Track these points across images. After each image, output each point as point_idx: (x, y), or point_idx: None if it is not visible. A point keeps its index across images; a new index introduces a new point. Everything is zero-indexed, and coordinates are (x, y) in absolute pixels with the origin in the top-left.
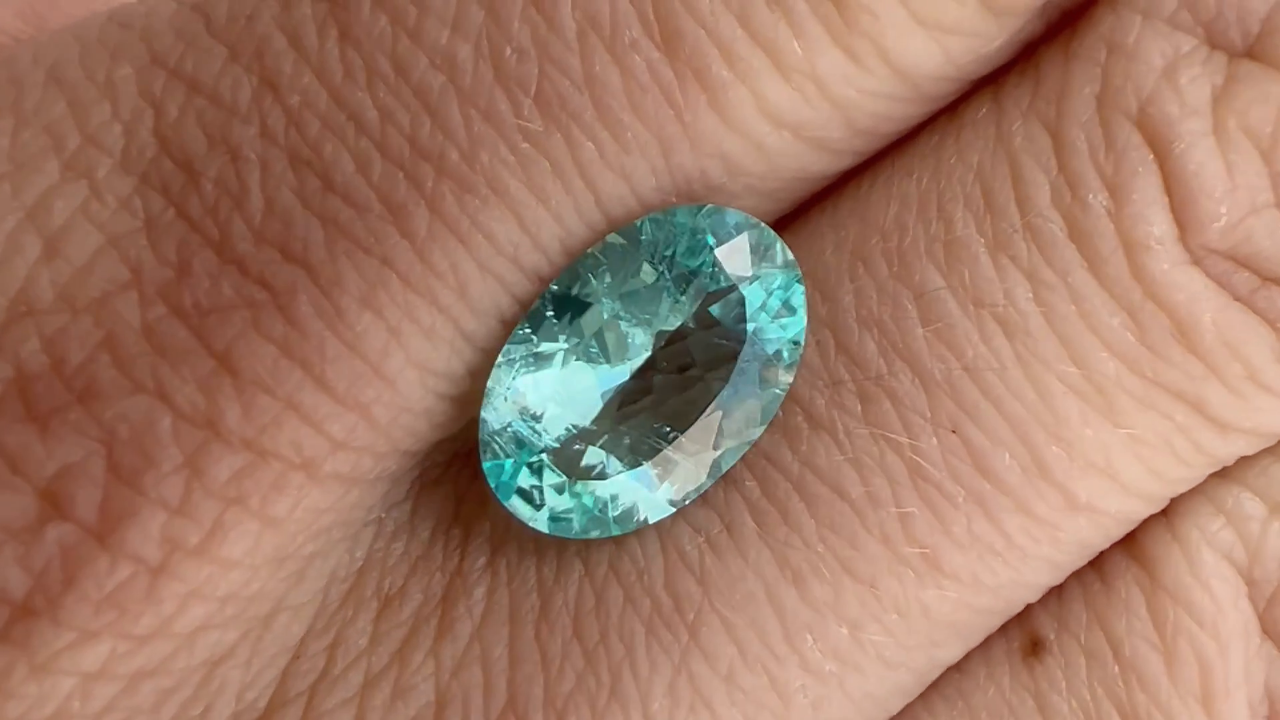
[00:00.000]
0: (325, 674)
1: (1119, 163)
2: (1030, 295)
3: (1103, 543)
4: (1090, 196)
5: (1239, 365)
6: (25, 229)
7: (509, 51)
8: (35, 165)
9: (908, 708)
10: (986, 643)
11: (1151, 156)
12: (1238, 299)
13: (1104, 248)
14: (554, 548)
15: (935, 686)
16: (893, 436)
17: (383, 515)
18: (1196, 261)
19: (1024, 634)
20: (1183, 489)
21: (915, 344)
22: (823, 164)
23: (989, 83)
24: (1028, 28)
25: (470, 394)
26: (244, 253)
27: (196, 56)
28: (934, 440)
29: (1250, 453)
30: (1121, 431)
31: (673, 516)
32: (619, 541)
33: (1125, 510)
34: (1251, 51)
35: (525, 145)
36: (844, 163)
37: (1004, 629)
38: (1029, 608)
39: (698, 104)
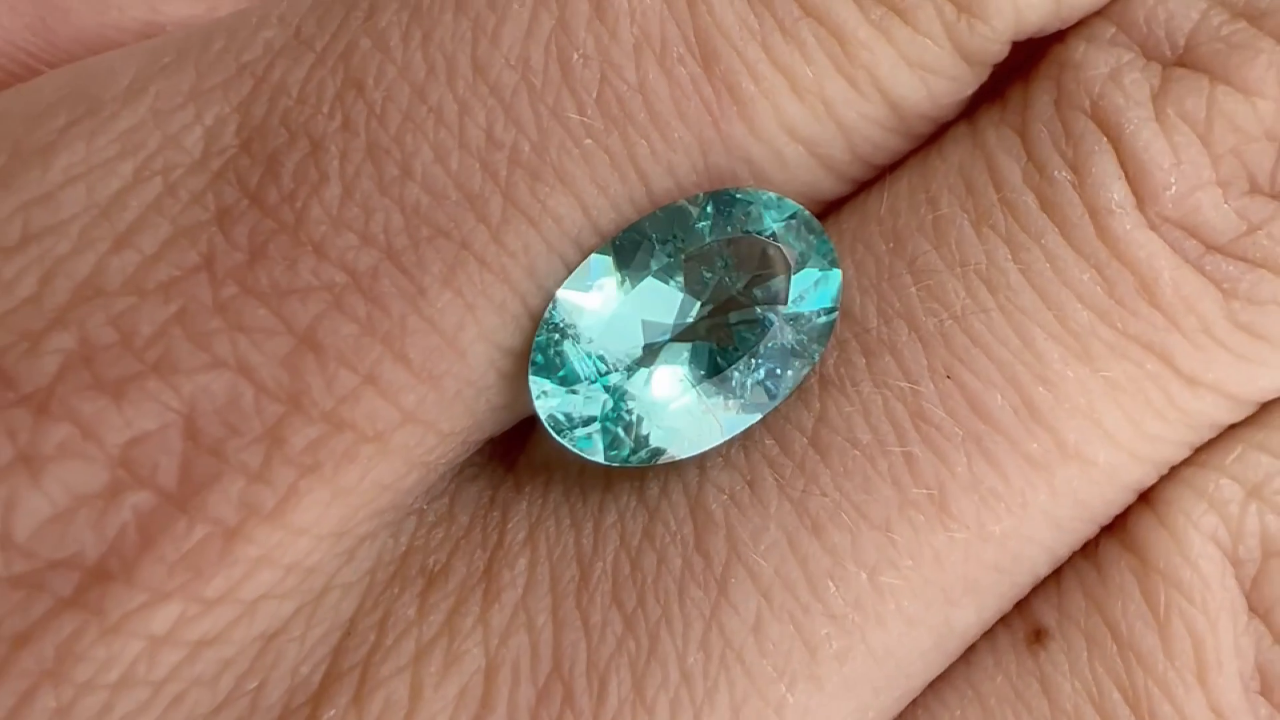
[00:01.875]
0: (377, 646)
1: (1078, 146)
2: (1009, 256)
3: (1097, 504)
4: (1056, 173)
5: (1194, 319)
6: (98, 224)
7: (576, 57)
8: (111, 166)
9: (920, 699)
10: (992, 635)
11: (1105, 139)
12: (1188, 262)
13: (1072, 214)
14: (591, 522)
15: (945, 678)
16: (895, 384)
17: (424, 507)
18: (1153, 226)
19: (1027, 625)
20: (1165, 451)
21: (909, 301)
22: (827, 184)
23: (964, 117)
24: (992, 81)
25: (524, 374)
26: (321, 237)
27: (284, 64)
28: (932, 386)
29: (1221, 417)
30: (1100, 375)
31: (699, 479)
32: (652, 511)
33: (1112, 463)
34: (1180, 60)
35: (589, 141)
36: (843, 188)
37: (1008, 622)
38: (1030, 601)
39: (730, 113)
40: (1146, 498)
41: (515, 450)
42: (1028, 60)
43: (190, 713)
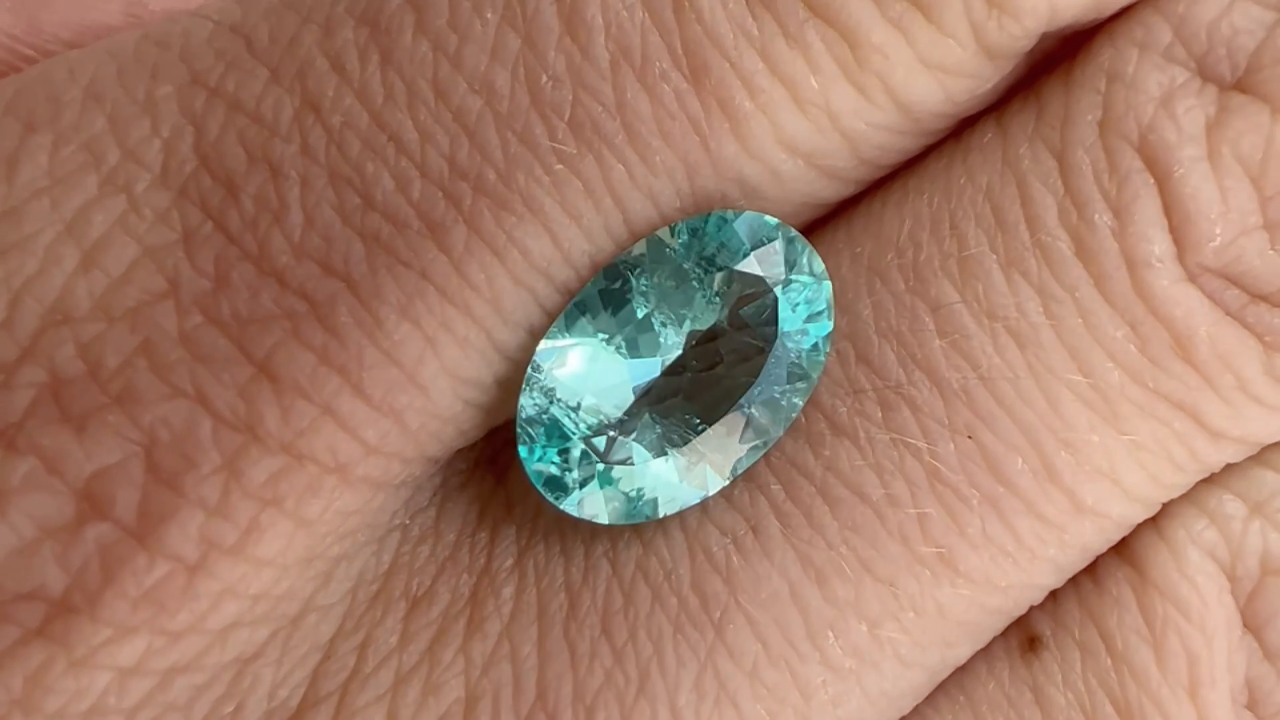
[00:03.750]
0: (356, 672)
1: (1122, 185)
2: (1041, 309)
3: (1101, 546)
4: (1096, 216)
5: (1231, 376)
6: (63, 241)
7: (544, 79)
8: (74, 180)
9: (915, 707)
10: (987, 643)
11: (1152, 180)
12: (1229, 314)
13: (1109, 265)
14: (581, 549)
15: (939, 685)
16: (912, 442)
17: (407, 521)
18: (1193, 279)
19: (1021, 633)
20: (1174, 494)
21: (933, 354)
22: (830, 191)
23: (991, 110)
24: (1017, 70)
25: (496, 403)
26: (283, 266)
27: (238, 77)
28: (951, 445)
29: (1237, 460)
30: (1125, 438)
31: (699, 519)
32: (646, 543)
33: (1125, 515)
34: (1240, 85)
35: (559, 166)
36: (847, 190)
37: (1003, 630)
38: (1026, 610)
39: (721, 132)
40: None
41: (504, 453)
42: (1066, 45)
43: None
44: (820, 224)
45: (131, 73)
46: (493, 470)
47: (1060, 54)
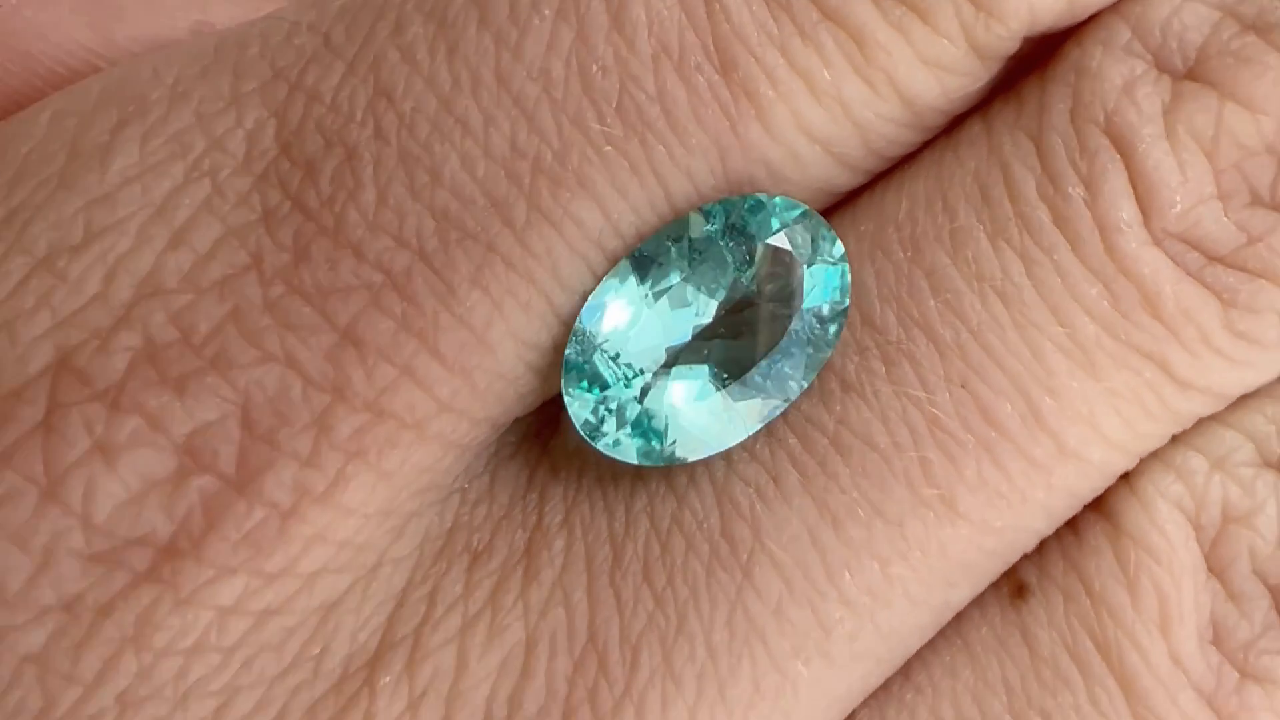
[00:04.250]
0: (427, 619)
1: (1092, 161)
2: (1024, 271)
3: (1085, 493)
4: (1070, 189)
5: (1194, 329)
6: (154, 222)
7: (595, 69)
8: (163, 169)
9: (915, 659)
10: (981, 590)
11: (1118, 156)
12: (1190, 274)
13: (1083, 230)
14: (623, 505)
15: (939, 631)
16: (913, 393)
17: (465, 486)
18: (1157, 242)
19: (1011, 583)
20: (1150, 444)
21: (928, 313)
22: (843, 179)
23: (977, 110)
24: (1002, 74)
25: (551, 368)
26: (359, 239)
27: (317, 70)
28: (947, 395)
29: (1204, 412)
30: (1102, 385)
31: (725, 472)
32: (680, 497)
33: (1105, 460)
34: (1191, 73)
35: (608, 148)
36: (856, 180)
37: (994, 580)
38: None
39: (748, 117)
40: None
41: (547, 428)
42: (1042, 51)
43: (259, 676)
44: (830, 212)
45: (215, 71)
46: (538, 442)
47: (1037, 58)
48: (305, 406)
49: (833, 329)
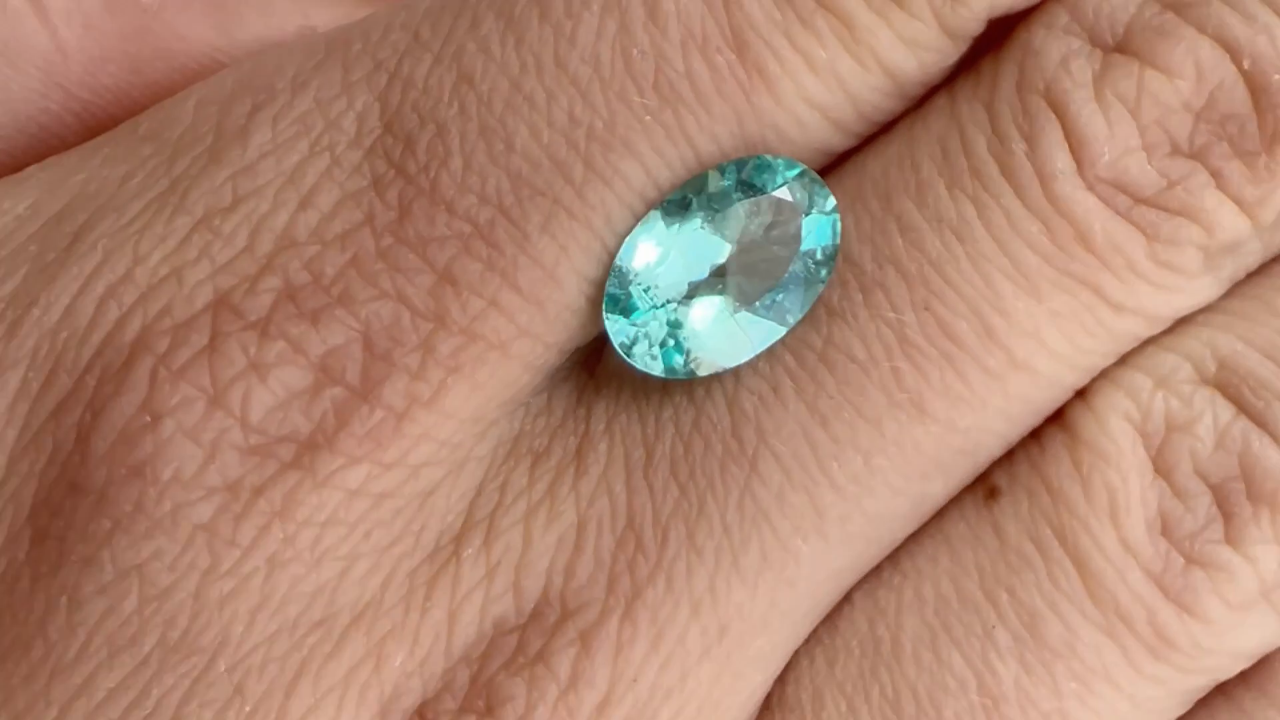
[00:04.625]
0: (499, 505)
1: (1032, 122)
2: (975, 213)
3: (1041, 402)
4: (1014, 145)
5: (1122, 259)
6: (286, 189)
7: (635, 52)
8: (291, 145)
9: (903, 544)
10: (956, 496)
11: (1054, 117)
12: (1118, 214)
13: (1025, 179)
14: (653, 415)
15: (921, 528)
16: (885, 315)
17: (529, 401)
18: (1090, 187)
19: (984, 486)
20: (1095, 360)
21: (897, 250)
22: (837, 140)
23: (945, 84)
24: (967, 53)
25: (597, 299)
26: (451, 198)
27: (411, 62)
28: (914, 316)
29: (1141, 332)
30: (1044, 306)
31: (734, 385)
32: (699, 407)
33: (1052, 371)
34: (1118, 47)
35: (648, 118)
36: (849, 141)
37: (970, 485)
38: (988, 469)
39: (759, 90)
40: (1079, 392)
41: (593, 358)
42: (1001, 33)
43: (374, 545)
44: (824, 170)
45: (327, 64)
46: (586, 368)
47: (996, 37)
48: (413, 331)
49: (825, 269)
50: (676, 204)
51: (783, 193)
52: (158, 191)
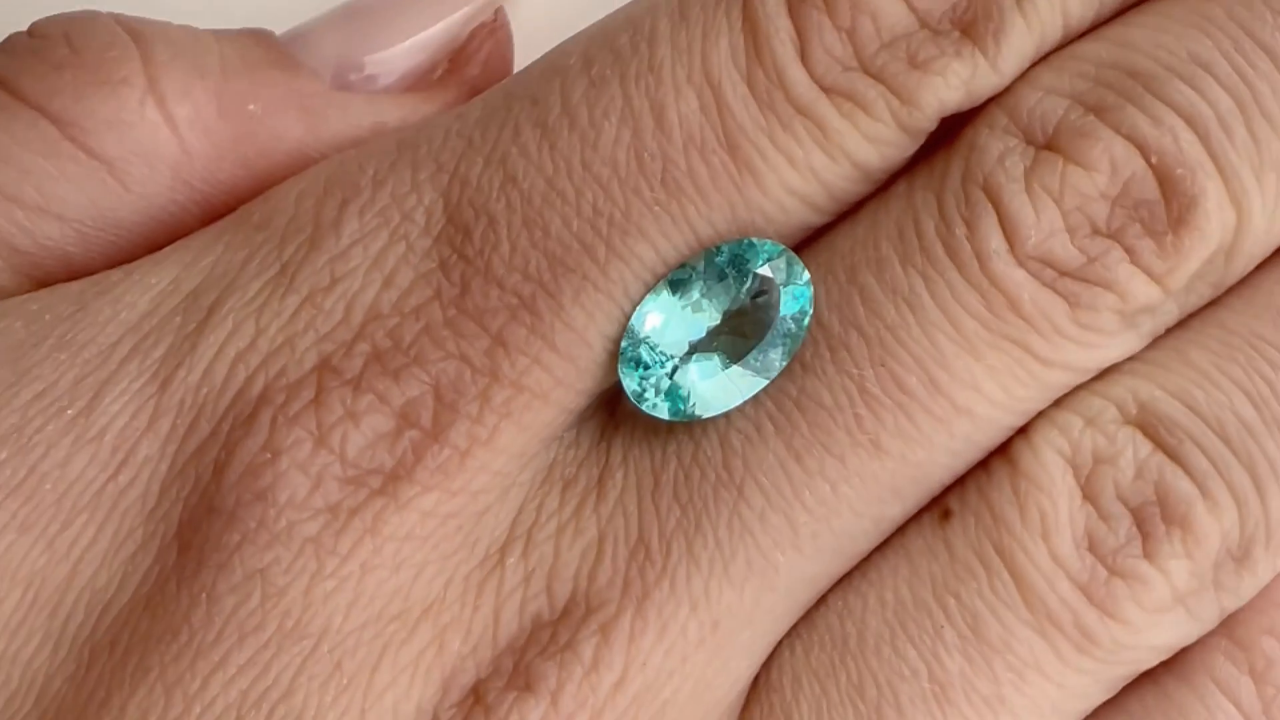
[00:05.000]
0: (536, 521)
1: (972, 209)
2: (924, 285)
3: (983, 440)
4: (957, 229)
5: (1048, 323)
6: (371, 271)
7: (646, 155)
8: (375, 234)
9: (868, 557)
10: (916, 516)
11: (991, 205)
12: (1045, 285)
13: (965, 257)
14: (660, 450)
15: (885, 543)
16: (849, 370)
17: (562, 436)
18: (1020, 264)
19: (940, 508)
20: (1030, 405)
21: (859, 316)
22: (813, 220)
23: (904, 171)
24: (924, 144)
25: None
26: (501, 276)
27: (466, 164)
28: (872, 371)
29: (1067, 381)
30: (981, 363)
31: (725, 427)
32: (696, 443)
33: (989, 415)
34: (1048, 145)
35: (657, 208)
36: (826, 219)
37: (928, 507)
38: (942, 495)
39: (749, 183)
40: (1021, 429)
41: (613, 400)
42: (957, 124)
43: (440, 554)
44: (801, 247)
45: (400, 164)
46: (606, 409)
47: (950, 129)
48: (473, 385)
49: (800, 331)
50: (679, 278)
51: (765, 269)
52: (272, 274)
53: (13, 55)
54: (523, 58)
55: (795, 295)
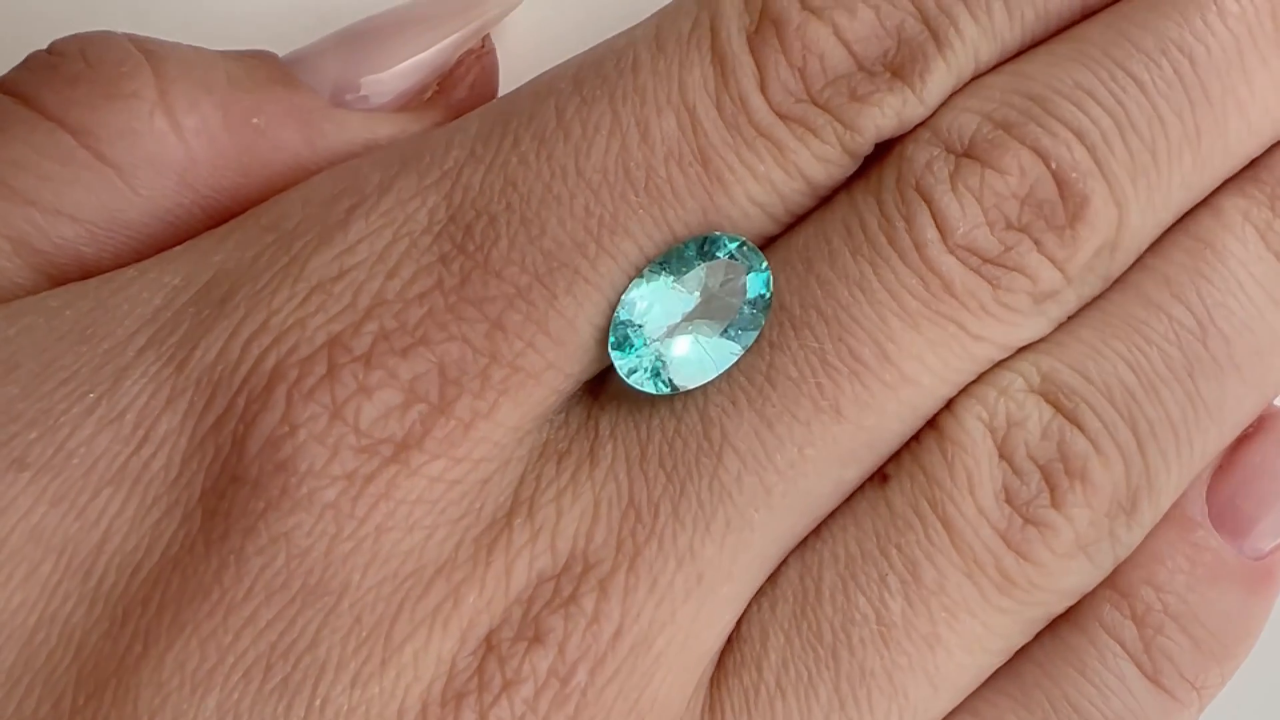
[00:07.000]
0: (536, 488)
1: (909, 207)
2: (872, 271)
3: (923, 407)
4: (897, 223)
5: (976, 302)
6: (376, 264)
7: (632, 165)
8: (380, 233)
9: (823, 521)
10: (860, 486)
11: (924, 203)
12: (971, 269)
13: (905, 246)
14: (645, 423)
15: (836, 509)
16: (810, 344)
17: (554, 416)
18: (951, 251)
19: (879, 474)
20: (963, 377)
21: (816, 299)
22: (770, 227)
23: (845, 184)
24: (867, 159)
25: (604, 341)
26: (500, 268)
27: (468, 171)
28: (830, 345)
29: (991, 355)
30: (923, 337)
31: (704, 400)
32: (679, 417)
33: (932, 384)
34: (966, 153)
35: (640, 211)
36: (781, 227)
37: (869, 478)
38: (880, 465)
39: (718, 192)
40: (947, 403)
41: (598, 386)
42: (886, 149)
43: (447, 518)
44: (762, 246)
45: (404, 173)
46: (591, 394)
47: (886, 148)
48: (474, 364)
49: (762, 312)
50: (658, 269)
51: (730, 258)
52: (281, 265)
53: (34, 71)
54: (507, 83)
55: (757, 280)
